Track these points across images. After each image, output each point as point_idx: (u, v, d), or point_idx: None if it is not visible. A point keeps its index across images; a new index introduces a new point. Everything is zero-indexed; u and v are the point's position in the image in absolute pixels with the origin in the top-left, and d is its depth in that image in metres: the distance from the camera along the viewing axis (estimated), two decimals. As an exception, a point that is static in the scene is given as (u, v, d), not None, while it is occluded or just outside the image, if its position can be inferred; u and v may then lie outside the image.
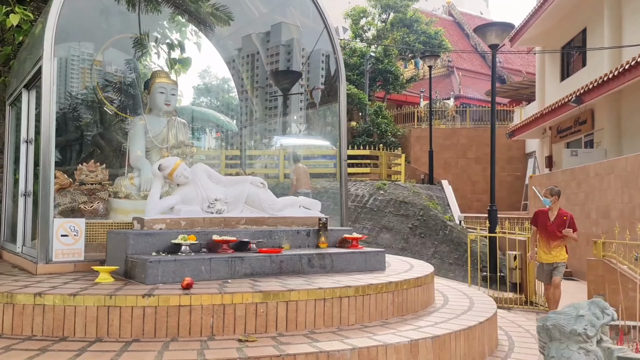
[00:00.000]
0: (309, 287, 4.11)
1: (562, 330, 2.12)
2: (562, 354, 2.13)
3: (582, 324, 2.14)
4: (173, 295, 3.75)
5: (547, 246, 8.26)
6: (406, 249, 11.47)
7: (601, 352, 2.20)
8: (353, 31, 27.67)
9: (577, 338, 2.12)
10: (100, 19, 7.32)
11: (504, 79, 35.19)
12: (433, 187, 17.88)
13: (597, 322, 2.17)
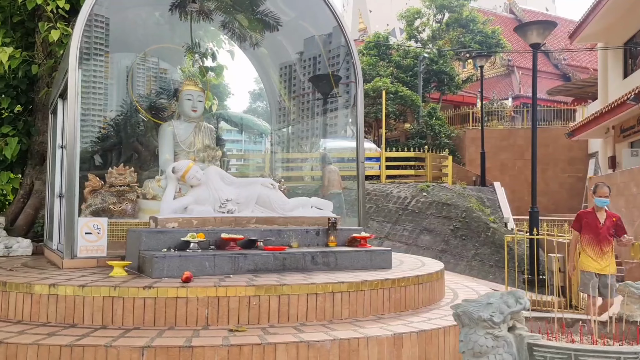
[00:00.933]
0: (302, 282, 4.31)
1: (470, 316, 2.24)
2: (470, 339, 2.25)
3: (489, 310, 2.25)
4: (171, 287, 4.04)
5: (598, 253, 6.89)
6: (446, 251, 11.46)
7: (513, 338, 2.31)
8: (407, 32, 27.59)
9: (484, 324, 2.23)
10: (137, 30, 7.74)
11: (569, 77, 34.20)
12: (484, 189, 17.63)
13: (506, 309, 2.27)
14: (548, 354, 2.19)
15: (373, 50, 26.75)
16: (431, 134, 23.73)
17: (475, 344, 2.22)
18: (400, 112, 24.45)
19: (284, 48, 8.30)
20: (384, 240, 11.79)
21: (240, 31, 8.34)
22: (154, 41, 7.98)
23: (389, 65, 25.87)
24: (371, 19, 37.49)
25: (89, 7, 5.30)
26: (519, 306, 2.31)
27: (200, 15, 8.01)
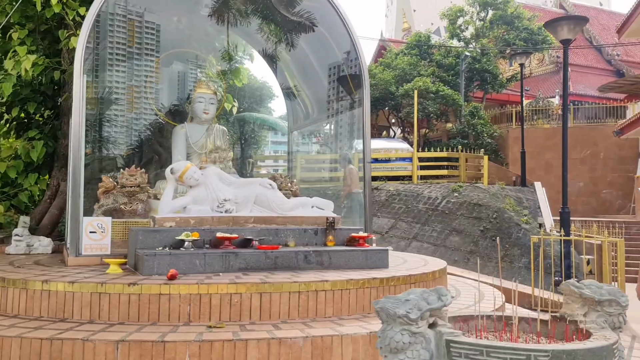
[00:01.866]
0: (285, 281, 4.37)
1: (387, 312, 2.24)
2: (387, 335, 2.25)
3: (406, 307, 2.24)
4: (154, 284, 4.17)
5: None
6: (475, 252, 11.29)
7: (433, 334, 2.30)
8: (450, 31, 27.24)
9: (400, 320, 2.23)
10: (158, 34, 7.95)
11: (622, 73, 33.05)
12: (524, 189, 17.26)
13: (425, 306, 2.26)
14: (463, 350, 2.18)
15: (414, 50, 26.55)
16: (473, 134, 23.36)
17: (392, 340, 2.23)
18: (441, 111, 24.18)
19: (301, 50, 8.36)
20: (411, 241, 11.72)
21: (277, 34, 8.41)
22: (172, 45, 8.17)
23: (430, 65, 25.62)
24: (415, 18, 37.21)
25: (92, 15, 5.50)
26: (440, 303, 2.30)
27: (238, 18, 8.19)
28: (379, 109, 26.01)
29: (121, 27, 7.81)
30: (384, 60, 26.78)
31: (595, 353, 2.10)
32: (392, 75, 24.72)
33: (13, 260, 5.85)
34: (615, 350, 2.21)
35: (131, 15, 7.96)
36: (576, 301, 2.60)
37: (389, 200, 13.15)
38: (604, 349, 2.13)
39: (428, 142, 25.54)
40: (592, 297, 2.55)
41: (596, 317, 2.58)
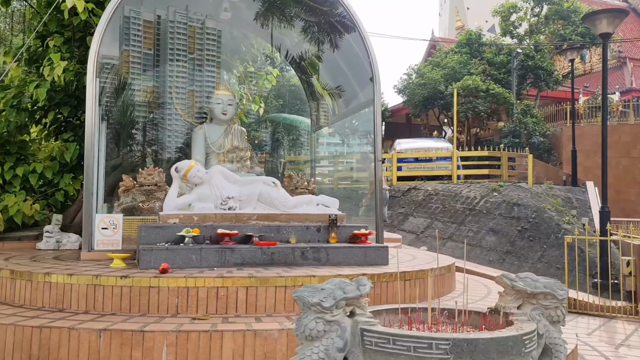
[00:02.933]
0: (272, 275, 4.46)
1: (303, 301, 2.29)
2: (302, 323, 2.29)
3: (320, 295, 2.28)
4: (145, 277, 4.34)
5: None
6: (510, 252, 11.05)
7: (351, 323, 2.33)
8: (502, 28, 26.69)
9: (314, 308, 2.27)
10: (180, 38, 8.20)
11: (689, 68, 31.51)
12: (575, 189, 16.76)
13: (340, 295, 2.29)
14: (373, 338, 2.21)
15: (465, 48, 26.16)
16: (525, 133, 22.80)
17: (306, 328, 2.28)
18: (492, 110, 23.74)
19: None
20: (446, 241, 11.59)
21: (320, 35, 8.52)
22: (199, 49, 8.40)
23: (481, 63, 25.19)
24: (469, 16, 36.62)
25: (105, 21, 5.75)
26: (357, 292, 2.33)
27: (282, 22, 8.36)
28: (428, 109, 25.78)
29: (181, 33, 8.19)
30: (433, 59, 26.53)
31: (499, 343, 2.09)
32: (442, 74, 24.46)
33: (37, 255, 6.17)
34: (528, 341, 2.19)
35: (192, 22, 8.34)
36: (510, 293, 2.58)
37: (426, 200, 13.05)
38: (510, 339, 2.12)
39: (479, 141, 25.11)
40: (524, 290, 2.52)
41: (531, 310, 2.55)
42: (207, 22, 8.41)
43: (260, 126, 10.78)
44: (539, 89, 25.61)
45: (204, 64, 8.48)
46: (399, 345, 2.13)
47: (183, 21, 8.36)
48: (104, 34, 5.79)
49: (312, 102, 8.86)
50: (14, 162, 8.52)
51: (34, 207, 8.15)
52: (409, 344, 2.11)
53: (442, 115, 26.64)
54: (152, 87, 8.40)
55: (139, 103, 8.47)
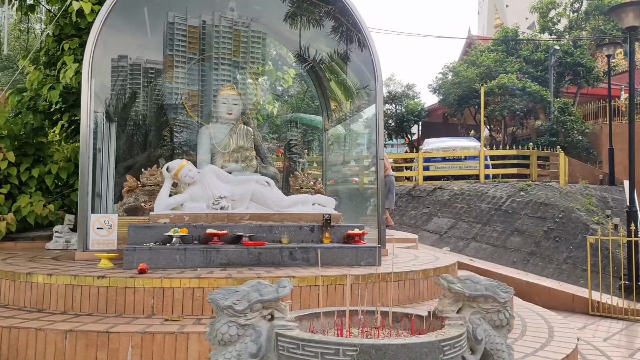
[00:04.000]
0: (252, 276, 4.36)
1: (216, 304, 2.18)
2: (214, 327, 2.18)
3: (233, 298, 2.16)
4: (121, 278, 4.30)
5: None
6: (535, 253, 10.67)
7: (268, 327, 2.20)
8: (540, 24, 26.00)
9: (226, 312, 2.15)
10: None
11: None
12: (611, 188, 16.16)
13: (255, 298, 2.16)
14: (285, 343, 2.08)
15: (501, 46, 25.58)
16: (562, 131, 22.13)
17: (218, 332, 2.16)
18: (528, 109, 23.13)
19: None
20: (470, 242, 11.29)
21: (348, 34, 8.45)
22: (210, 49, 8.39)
23: (517, 61, 24.59)
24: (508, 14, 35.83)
25: (99, 23, 5.76)
26: (274, 295, 2.20)
27: (311, 22, 8.31)
28: (464, 108, 25.33)
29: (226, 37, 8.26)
30: (468, 57, 26.04)
31: (411, 349, 1.93)
32: (477, 73, 23.97)
33: (38, 255, 6.23)
34: (447, 347, 2.02)
35: (237, 25, 8.37)
36: (448, 296, 2.41)
37: (451, 200, 12.75)
38: (425, 345, 1.96)
39: (516, 140, 24.50)
40: (462, 292, 2.35)
41: (471, 314, 2.37)
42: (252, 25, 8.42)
43: (276, 126, 10.71)
44: (579, 86, 24.84)
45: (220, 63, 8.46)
46: (307, 351, 2.00)
47: (228, 25, 8.41)
48: (99, 35, 5.78)
49: (323, 101, 8.74)
50: (31, 164, 8.66)
51: (48, 208, 8.26)
52: (316, 350, 1.98)
53: (479, 114, 26.12)
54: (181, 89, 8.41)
55: (169, 105, 8.53)
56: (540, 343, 4.80)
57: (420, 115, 28.69)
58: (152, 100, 8.59)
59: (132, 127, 8.70)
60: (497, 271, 9.62)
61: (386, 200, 10.02)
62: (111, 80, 8.12)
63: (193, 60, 8.23)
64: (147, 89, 8.35)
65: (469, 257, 10.38)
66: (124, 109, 8.45)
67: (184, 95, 8.04)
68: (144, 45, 7.95)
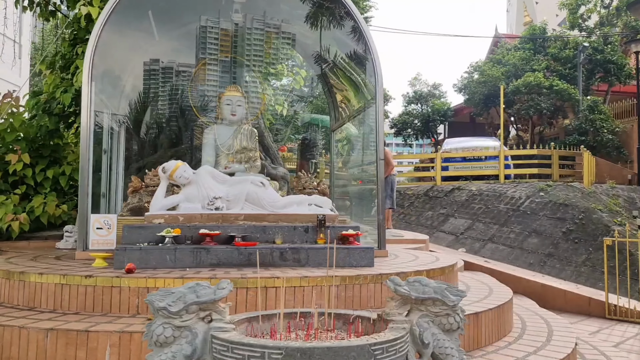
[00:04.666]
0: (236, 277, 4.36)
1: (152, 305, 2.18)
2: (150, 328, 2.18)
3: (168, 299, 2.16)
4: (107, 277, 4.35)
5: None
6: (553, 255, 10.45)
7: (205, 329, 2.18)
8: (569, 21, 25.49)
9: (160, 313, 2.15)
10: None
11: None
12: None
13: (191, 299, 2.16)
14: (218, 345, 2.07)
15: (528, 44, 25.17)
16: (591, 130, 21.65)
17: (154, 334, 2.16)
18: (556, 107, 22.71)
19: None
20: (486, 243, 11.13)
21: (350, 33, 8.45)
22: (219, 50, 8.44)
23: (545, 58, 24.16)
24: (537, 11, 35.21)
25: (99, 27, 5.84)
26: (211, 296, 2.19)
27: (331, 22, 8.33)
28: (490, 107, 25.01)
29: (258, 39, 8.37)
30: (494, 56, 25.70)
31: (338, 353, 1.91)
32: (502, 72, 23.64)
33: (42, 254, 6.35)
34: (380, 351, 1.98)
35: (269, 27, 8.46)
36: (396, 299, 2.37)
37: (469, 201, 12.59)
38: (353, 349, 1.93)
39: (543, 139, 24.09)
40: (408, 295, 2.31)
41: (419, 318, 2.33)
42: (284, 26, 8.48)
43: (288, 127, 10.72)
44: (610, 84, 24.27)
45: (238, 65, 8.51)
46: (235, 354, 1.99)
47: (260, 27, 8.48)
48: (100, 38, 5.85)
49: (331, 102, 8.71)
50: (47, 165, 8.84)
51: (61, 208, 8.42)
52: (243, 353, 1.97)
53: (505, 114, 25.74)
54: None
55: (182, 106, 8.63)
56: (535, 347, 4.70)
57: (446, 115, 28.43)
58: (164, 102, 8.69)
59: (144, 129, 8.79)
60: (512, 273, 9.46)
61: (388, 200, 9.96)
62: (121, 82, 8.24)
63: (216, 62, 8.30)
64: (159, 91, 8.43)
65: (484, 258, 10.23)
66: (136, 111, 8.56)
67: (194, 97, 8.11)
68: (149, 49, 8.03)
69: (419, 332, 2.28)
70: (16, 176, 8.64)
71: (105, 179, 7.10)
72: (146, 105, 8.65)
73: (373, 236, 7.01)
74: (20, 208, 8.32)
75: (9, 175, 8.58)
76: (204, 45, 8.27)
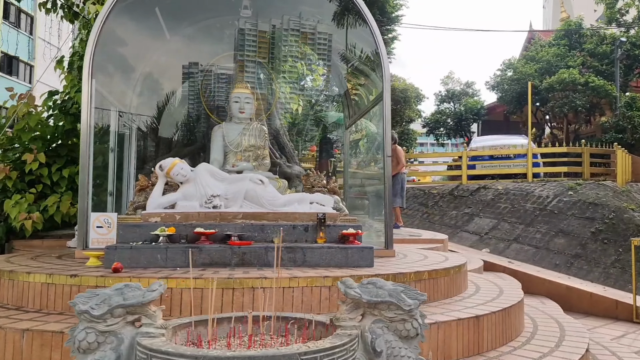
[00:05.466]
0: (221, 277, 4.22)
1: (75, 308, 2.03)
2: (72, 333, 2.03)
3: (91, 302, 2.00)
4: (92, 277, 4.25)
5: None
6: (580, 256, 10.02)
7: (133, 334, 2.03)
8: (607, 16, 24.69)
9: (84, 317, 2.00)
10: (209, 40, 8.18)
11: None
12: (675, 187, 15.09)
13: (117, 302, 2.00)
14: (139, 352, 1.91)
15: (563, 40, 24.47)
16: (629, 127, 20.90)
17: (75, 339, 2.02)
18: (592, 104, 22.00)
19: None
20: (511, 243, 10.76)
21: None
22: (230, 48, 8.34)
23: (581, 55, 23.44)
24: (574, 6, 34.21)
25: (99, 24, 5.77)
26: (139, 299, 2.03)
27: (358, 21, 8.21)
28: (523, 105, 24.40)
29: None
30: (527, 53, 25.07)
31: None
32: (535, 68, 23.03)
33: (45, 253, 6.33)
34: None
35: (304, 28, 8.39)
36: (347, 302, 2.17)
37: (495, 200, 12.21)
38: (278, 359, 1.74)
39: (579, 137, 23.38)
40: (358, 298, 2.11)
41: (372, 323, 2.12)
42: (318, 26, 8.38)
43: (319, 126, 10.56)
44: (650, 80, 23.47)
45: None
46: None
47: (296, 28, 8.41)
48: (100, 36, 5.79)
49: (344, 99, 8.51)
50: (63, 164, 8.86)
51: (76, 207, 8.42)
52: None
53: (539, 112, 25.10)
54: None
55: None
56: (540, 353, 4.43)
57: (479, 114, 27.88)
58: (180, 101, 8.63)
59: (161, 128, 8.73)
60: (535, 274, 9.11)
61: (399, 199, 9.70)
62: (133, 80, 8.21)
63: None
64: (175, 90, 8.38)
65: (508, 259, 9.88)
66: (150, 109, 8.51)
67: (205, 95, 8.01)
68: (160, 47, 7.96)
69: (370, 339, 2.08)
70: (33, 175, 8.68)
71: (113, 178, 7.04)
72: (160, 104, 8.59)
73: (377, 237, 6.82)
74: (35, 207, 8.35)
75: (26, 174, 8.64)
76: (243, 47, 8.19)
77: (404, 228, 10.29)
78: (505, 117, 28.89)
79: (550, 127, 25.36)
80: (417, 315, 2.16)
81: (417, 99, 29.73)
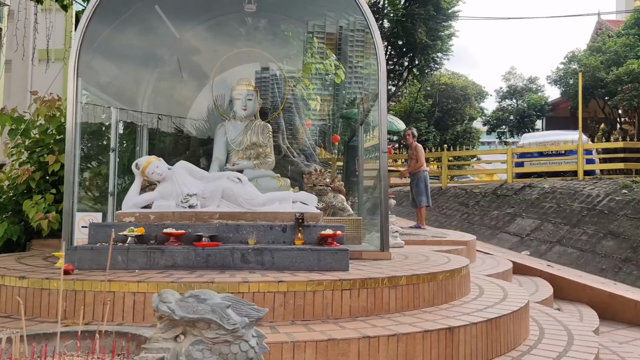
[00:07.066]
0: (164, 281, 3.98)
1: None
2: None
3: None
4: (38, 279, 4.10)
5: None
6: (630, 260, 9.16)
7: None
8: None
9: None
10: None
11: None
12: None
13: None
14: None
15: (633, 29, 22.95)
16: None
17: None
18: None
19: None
20: (554, 245, 10.01)
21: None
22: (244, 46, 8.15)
23: (653, 44, 21.94)
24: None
25: (85, 22, 5.68)
26: None
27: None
28: (588, 99, 23.07)
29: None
30: (593, 44, 23.68)
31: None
32: (601, 60, 21.70)
33: (38, 254, 6.29)
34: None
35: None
36: (163, 318, 1.84)
37: (540, 199, 11.45)
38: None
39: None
40: (169, 314, 1.77)
41: (190, 345, 1.79)
42: None
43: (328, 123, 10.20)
44: None
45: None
46: None
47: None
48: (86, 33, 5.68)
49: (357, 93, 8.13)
50: (85, 166, 8.94)
51: (95, 207, 8.45)
52: None
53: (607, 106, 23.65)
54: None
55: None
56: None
57: (543, 110, 26.61)
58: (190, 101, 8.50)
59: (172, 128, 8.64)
60: (575, 279, 8.43)
61: (424, 197, 9.21)
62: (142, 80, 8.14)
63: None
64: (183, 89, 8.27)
65: (547, 262, 9.20)
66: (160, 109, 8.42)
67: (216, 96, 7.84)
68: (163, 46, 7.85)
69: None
70: (56, 176, 8.78)
71: (114, 178, 6.96)
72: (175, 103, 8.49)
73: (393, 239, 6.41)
74: (54, 207, 8.43)
75: (49, 175, 8.75)
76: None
77: (431, 228, 9.78)
78: (572, 113, 27.43)
79: (621, 122, 23.85)
80: (248, 336, 1.80)
81: (479, 96, 28.77)
